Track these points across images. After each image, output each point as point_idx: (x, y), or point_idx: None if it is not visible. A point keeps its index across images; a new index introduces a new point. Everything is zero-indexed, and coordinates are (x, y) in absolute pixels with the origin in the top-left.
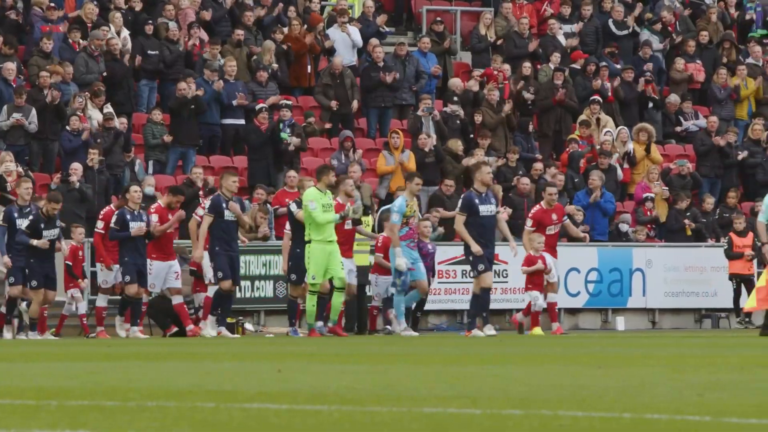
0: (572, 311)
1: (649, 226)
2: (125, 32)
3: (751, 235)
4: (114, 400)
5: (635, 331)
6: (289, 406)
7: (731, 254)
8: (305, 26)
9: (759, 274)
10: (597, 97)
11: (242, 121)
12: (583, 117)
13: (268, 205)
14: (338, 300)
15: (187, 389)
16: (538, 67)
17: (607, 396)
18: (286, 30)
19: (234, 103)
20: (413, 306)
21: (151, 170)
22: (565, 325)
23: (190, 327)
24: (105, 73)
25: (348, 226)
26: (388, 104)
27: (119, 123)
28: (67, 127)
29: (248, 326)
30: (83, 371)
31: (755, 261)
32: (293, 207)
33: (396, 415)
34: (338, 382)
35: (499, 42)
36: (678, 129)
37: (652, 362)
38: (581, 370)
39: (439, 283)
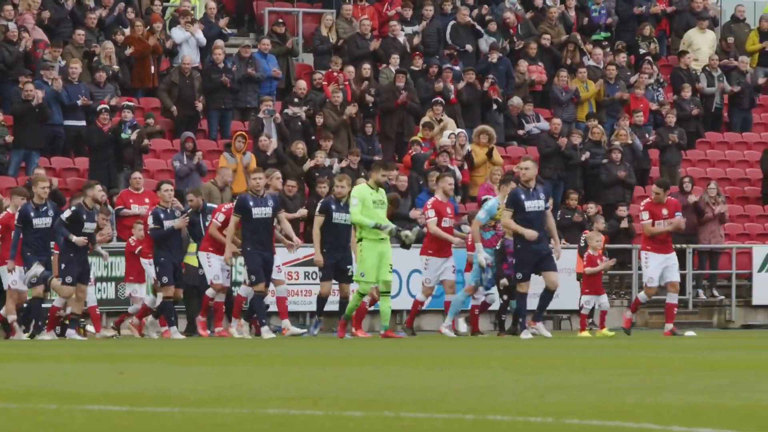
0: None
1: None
2: None
3: (604, 237)
4: None
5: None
6: (131, 408)
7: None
8: (147, 27)
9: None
10: (439, 99)
11: (83, 123)
12: (425, 119)
13: (110, 206)
14: (386, 304)
15: (28, 391)
16: (380, 68)
17: (449, 397)
18: (127, 31)
19: (78, 103)
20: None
21: None
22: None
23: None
24: None
25: (446, 223)
26: (229, 106)
27: None
28: None
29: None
30: None
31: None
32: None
33: (238, 417)
34: (181, 383)
35: (340, 43)
36: (520, 132)
37: (495, 364)
38: (424, 372)
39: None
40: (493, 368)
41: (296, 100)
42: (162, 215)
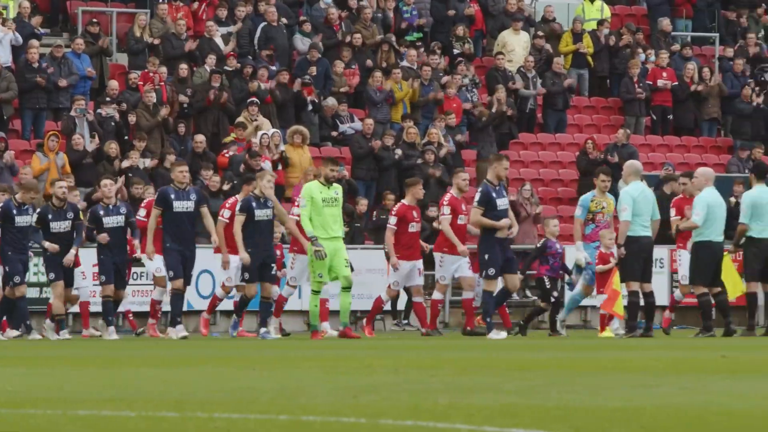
0: (230, 313)
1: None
2: None
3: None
4: None
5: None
6: None
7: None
8: None
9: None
10: (254, 99)
11: None
12: (240, 119)
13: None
14: (346, 300)
15: None
16: (195, 68)
17: (262, 398)
18: None
19: None
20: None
21: None
22: (220, 326)
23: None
24: None
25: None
26: (43, 106)
27: None
28: None
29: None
30: None
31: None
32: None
33: (51, 418)
34: None
35: (156, 43)
36: (334, 133)
37: (308, 364)
38: (237, 372)
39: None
40: (306, 369)
41: (108, 99)
42: (101, 212)
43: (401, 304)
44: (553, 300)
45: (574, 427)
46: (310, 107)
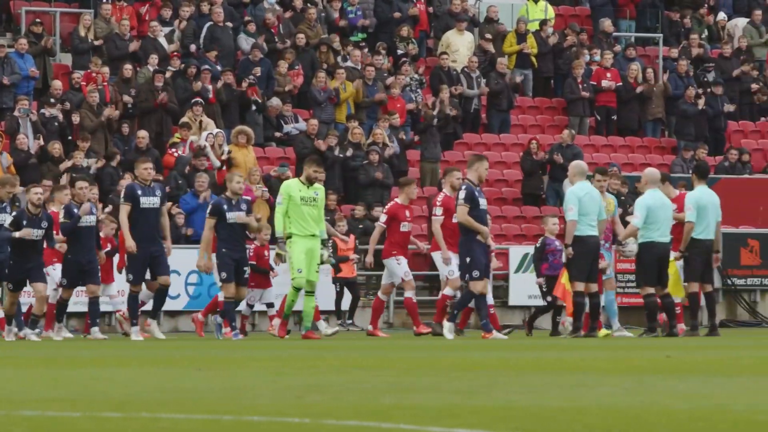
0: (172, 314)
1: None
2: None
3: (353, 237)
4: None
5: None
6: None
7: (336, 258)
8: None
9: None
10: (199, 99)
11: None
12: (184, 119)
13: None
14: (309, 305)
15: None
16: (139, 69)
17: (207, 398)
18: None
19: None
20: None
21: None
22: (164, 327)
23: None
24: None
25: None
26: None
27: None
28: None
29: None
30: None
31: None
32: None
33: None
34: None
35: (98, 43)
36: (278, 134)
37: (253, 365)
38: (181, 373)
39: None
40: (251, 369)
41: (52, 100)
42: (75, 210)
43: (345, 304)
44: (547, 302)
45: (518, 428)
46: (254, 107)
